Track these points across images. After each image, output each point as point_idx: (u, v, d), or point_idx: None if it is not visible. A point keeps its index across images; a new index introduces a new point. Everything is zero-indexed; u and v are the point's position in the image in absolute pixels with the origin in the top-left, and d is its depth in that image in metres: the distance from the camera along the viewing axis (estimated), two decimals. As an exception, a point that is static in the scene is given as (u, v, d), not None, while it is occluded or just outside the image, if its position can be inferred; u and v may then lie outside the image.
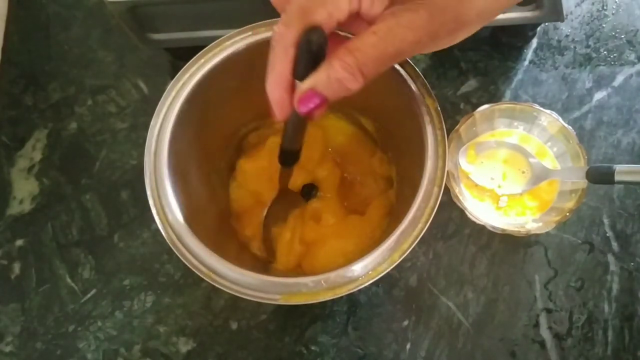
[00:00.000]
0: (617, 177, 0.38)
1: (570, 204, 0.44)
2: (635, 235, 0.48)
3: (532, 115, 0.47)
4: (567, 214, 0.43)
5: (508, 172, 0.47)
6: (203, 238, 0.36)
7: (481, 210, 0.46)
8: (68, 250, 0.50)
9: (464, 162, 0.46)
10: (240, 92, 0.43)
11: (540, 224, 0.45)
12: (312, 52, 0.29)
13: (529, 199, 0.46)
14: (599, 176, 0.40)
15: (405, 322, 0.46)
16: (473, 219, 0.45)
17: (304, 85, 0.30)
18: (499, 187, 0.46)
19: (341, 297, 0.34)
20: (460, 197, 0.45)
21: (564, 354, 0.45)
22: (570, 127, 0.45)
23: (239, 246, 0.44)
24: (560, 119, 0.46)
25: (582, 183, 0.44)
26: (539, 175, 0.46)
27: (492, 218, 0.46)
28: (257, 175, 0.47)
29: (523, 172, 0.46)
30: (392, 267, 0.34)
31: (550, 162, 0.47)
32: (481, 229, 0.45)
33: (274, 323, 0.47)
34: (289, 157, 0.38)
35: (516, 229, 0.44)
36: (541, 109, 0.46)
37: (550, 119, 0.46)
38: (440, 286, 0.47)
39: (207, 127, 0.42)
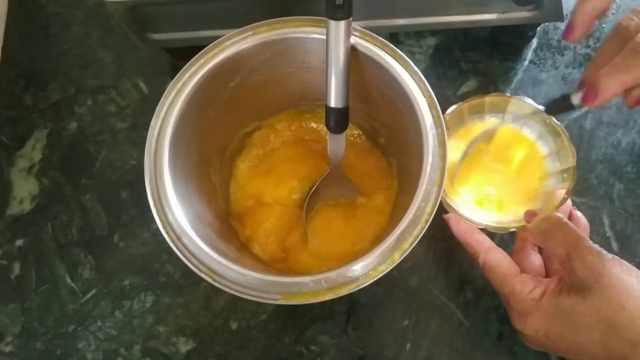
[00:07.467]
0: (574, 101, 0.37)
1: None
2: (635, 235, 0.48)
3: (502, 106, 0.45)
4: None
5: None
6: (203, 238, 0.36)
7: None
8: (68, 250, 0.50)
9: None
10: (240, 92, 0.43)
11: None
12: None
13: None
14: (557, 107, 0.39)
15: (405, 322, 0.46)
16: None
17: None
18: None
19: (341, 297, 0.34)
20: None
21: (564, 354, 0.45)
22: (541, 107, 0.42)
23: (239, 246, 0.44)
24: (533, 103, 0.44)
25: (571, 159, 0.43)
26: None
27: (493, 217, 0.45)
28: (257, 175, 0.47)
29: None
30: (392, 267, 0.34)
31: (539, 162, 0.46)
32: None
33: (274, 323, 0.47)
34: (339, 118, 0.35)
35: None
36: (513, 96, 0.45)
37: (519, 104, 0.44)
38: (440, 286, 0.47)
39: (207, 127, 0.42)
